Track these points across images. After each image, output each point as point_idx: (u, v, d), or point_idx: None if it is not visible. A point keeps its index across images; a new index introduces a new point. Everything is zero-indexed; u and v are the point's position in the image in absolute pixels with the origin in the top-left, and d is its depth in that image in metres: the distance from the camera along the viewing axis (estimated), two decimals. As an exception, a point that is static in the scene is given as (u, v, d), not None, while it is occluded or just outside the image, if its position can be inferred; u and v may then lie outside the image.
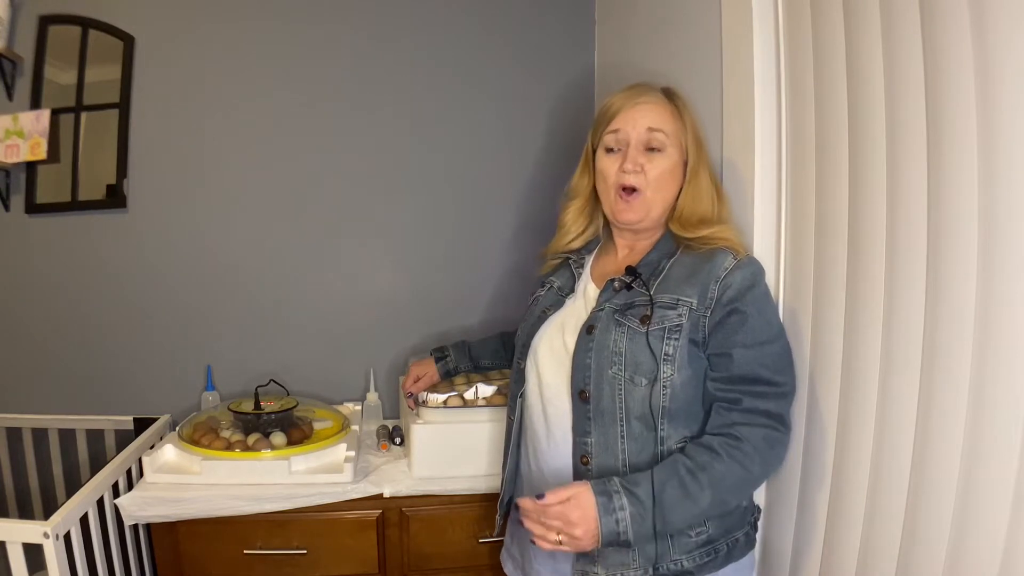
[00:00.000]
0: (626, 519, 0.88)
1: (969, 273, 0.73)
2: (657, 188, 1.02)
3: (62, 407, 1.79)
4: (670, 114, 1.04)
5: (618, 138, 1.04)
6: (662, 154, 1.02)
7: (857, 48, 0.89)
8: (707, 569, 0.97)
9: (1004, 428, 0.69)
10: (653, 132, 1.02)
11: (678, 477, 0.90)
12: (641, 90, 1.05)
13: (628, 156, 1.02)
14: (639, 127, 1.02)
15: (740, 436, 0.92)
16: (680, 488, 0.89)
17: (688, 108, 1.06)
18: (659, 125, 1.02)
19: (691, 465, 0.91)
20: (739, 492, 0.95)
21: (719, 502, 0.92)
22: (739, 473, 0.91)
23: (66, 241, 1.78)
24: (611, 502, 0.88)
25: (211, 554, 1.38)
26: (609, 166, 1.05)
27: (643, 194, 1.02)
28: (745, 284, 0.95)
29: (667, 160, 1.02)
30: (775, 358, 0.96)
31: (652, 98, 1.04)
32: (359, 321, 1.87)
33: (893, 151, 0.83)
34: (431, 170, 1.86)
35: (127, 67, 1.73)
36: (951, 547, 0.75)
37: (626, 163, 1.02)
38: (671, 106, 1.05)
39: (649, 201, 1.03)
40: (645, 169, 1.02)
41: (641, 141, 1.02)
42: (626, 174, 1.02)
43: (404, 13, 1.81)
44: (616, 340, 0.97)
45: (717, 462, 0.91)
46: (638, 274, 1.02)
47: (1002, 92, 0.69)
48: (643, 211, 1.03)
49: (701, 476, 0.90)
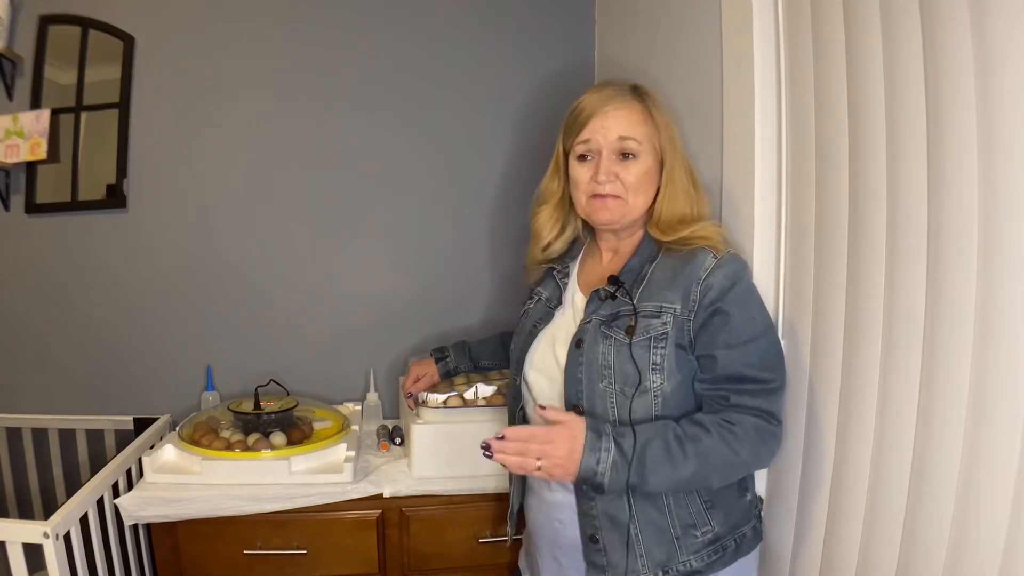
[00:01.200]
0: (607, 461, 0.89)
1: (969, 273, 0.73)
2: (635, 193, 1.01)
3: (62, 407, 1.80)
4: (640, 118, 1.01)
5: (589, 148, 1.02)
6: (636, 160, 1.01)
7: (857, 48, 0.89)
8: (717, 566, 0.97)
9: (1004, 428, 0.69)
10: (625, 140, 1.00)
11: (664, 441, 0.90)
12: (609, 95, 1.02)
13: (601, 167, 1.00)
14: (610, 136, 1.00)
15: (732, 421, 0.93)
16: (664, 451, 0.90)
17: (659, 106, 1.04)
18: (630, 133, 1.00)
19: (679, 433, 0.91)
20: (724, 472, 0.94)
21: (701, 478, 0.92)
22: (726, 453, 0.91)
23: (66, 241, 1.78)
24: (599, 441, 0.90)
25: (211, 554, 1.38)
26: (582, 175, 1.03)
27: (622, 199, 1.01)
28: (726, 283, 0.95)
29: (641, 165, 1.01)
30: (761, 355, 0.95)
31: (621, 104, 1.01)
32: (359, 321, 1.87)
33: (893, 151, 0.83)
34: (431, 170, 1.86)
35: (127, 67, 1.73)
36: (951, 547, 0.75)
37: (599, 175, 1.00)
38: (641, 108, 1.02)
39: (628, 206, 1.02)
40: (620, 176, 1.00)
41: (613, 150, 1.01)
42: (600, 184, 1.00)
43: (404, 13, 1.81)
44: (604, 353, 0.97)
45: (706, 437, 0.91)
46: (621, 284, 1.01)
47: (1002, 92, 0.69)
48: (619, 212, 1.02)
49: (688, 446, 0.90)
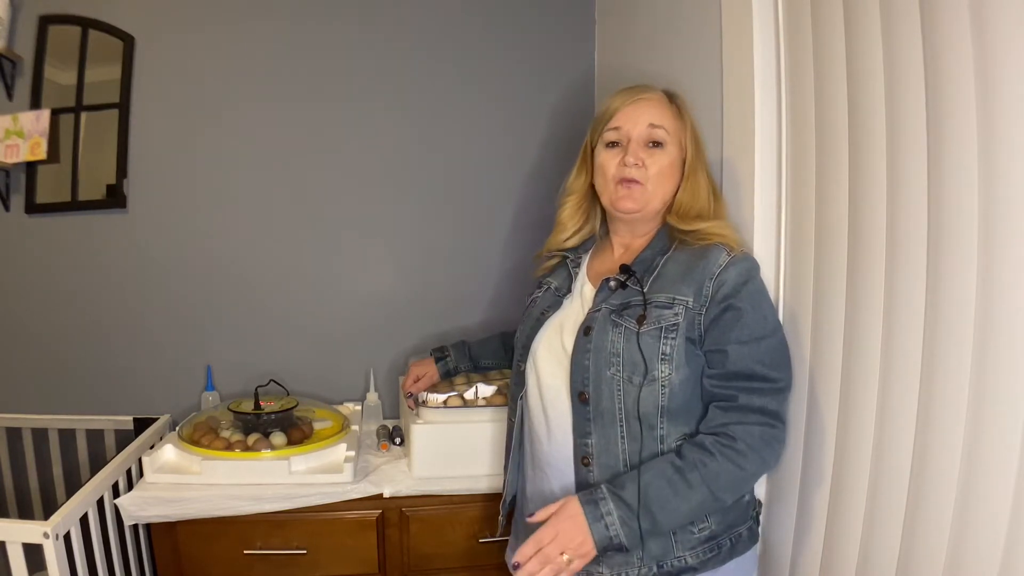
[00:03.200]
0: (615, 523, 0.89)
1: (969, 272, 0.73)
2: (658, 183, 1.03)
3: (62, 407, 1.79)
4: (671, 112, 1.05)
5: (619, 134, 1.04)
6: (663, 150, 1.03)
7: (857, 48, 0.89)
8: (711, 564, 0.98)
9: (1004, 427, 0.69)
10: (654, 128, 1.02)
11: (666, 477, 0.91)
12: (642, 88, 1.06)
13: (629, 150, 1.02)
14: (640, 123, 1.03)
15: (734, 435, 0.92)
16: (669, 487, 0.90)
17: (688, 110, 1.07)
18: (660, 121, 1.03)
19: (681, 464, 0.91)
20: (734, 489, 0.95)
21: (713, 499, 0.92)
22: (733, 471, 0.92)
23: (66, 241, 1.78)
24: (597, 508, 0.90)
25: (211, 554, 1.38)
26: (609, 160, 1.05)
27: (644, 187, 1.03)
28: (740, 280, 0.95)
29: (667, 156, 1.03)
30: (771, 354, 0.96)
31: (653, 95, 1.05)
32: (359, 321, 1.87)
33: (893, 150, 0.83)
34: (431, 170, 1.86)
35: (127, 67, 1.73)
36: (951, 547, 0.75)
37: (627, 157, 1.02)
38: (672, 105, 1.06)
39: (649, 193, 1.03)
40: (646, 164, 1.02)
41: (642, 136, 1.03)
42: (627, 168, 1.02)
43: (404, 13, 1.81)
44: (613, 341, 0.97)
45: (710, 460, 0.91)
46: (632, 272, 1.02)
47: (1002, 92, 0.69)
48: (643, 201, 1.03)
49: (691, 474, 0.90)
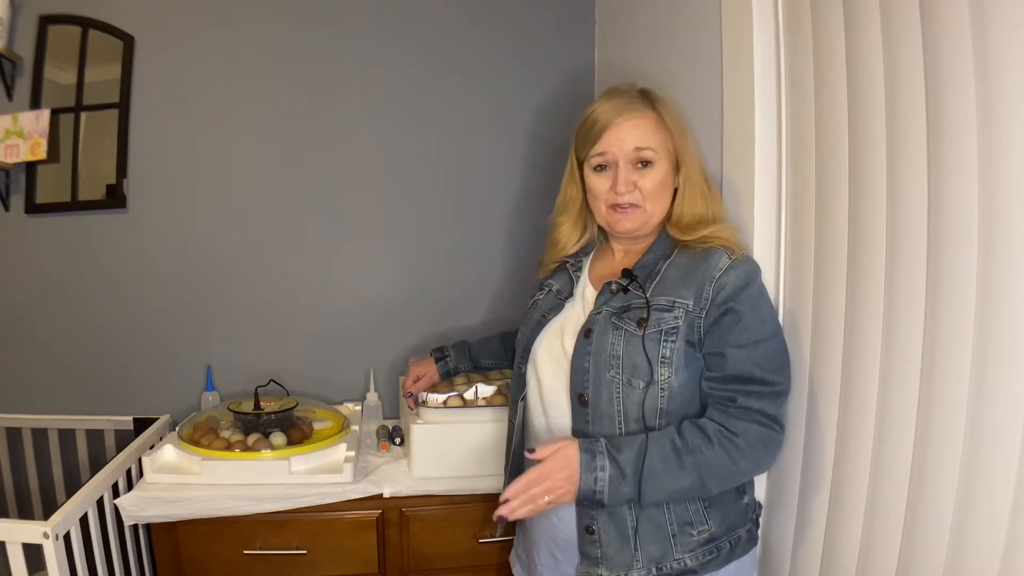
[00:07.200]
0: (604, 480, 0.91)
1: (969, 272, 0.73)
2: (654, 200, 1.03)
3: (62, 407, 1.79)
4: (654, 126, 1.02)
5: (606, 159, 1.03)
6: (653, 167, 1.02)
7: (857, 48, 0.89)
8: (710, 567, 0.98)
9: (1004, 428, 0.69)
10: (641, 151, 1.01)
11: (663, 452, 0.91)
12: (620, 105, 1.03)
13: (619, 178, 1.01)
14: (626, 147, 1.01)
15: (736, 430, 0.93)
16: (662, 463, 0.91)
17: (669, 109, 1.05)
18: (645, 143, 1.01)
19: (680, 444, 0.92)
20: (723, 482, 0.95)
21: (701, 486, 0.93)
22: (727, 464, 0.92)
23: (66, 241, 1.78)
24: (593, 460, 0.91)
25: (211, 554, 1.38)
26: (600, 185, 1.05)
27: (640, 208, 1.02)
28: (740, 283, 0.96)
29: (659, 173, 1.02)
30: (769, 357, 0.96)
31: (633, 113, 1.02)
32: (359, 321, 1.87)
33: (893, 151, 0.83)
34: (431, 170, 1.86)
35: (127, 67, 1.73)
36: (951, 547, 0.75)
37: (619, 185, 1.01)
38: (653, 115, 1.03)
39: (648, 213, 1.03)
40: (639, 185, 1.02)
41: (630, 159, 1.02)
42: (619, 195, 1.02)
43: (404, 13, 1.81)
44: (614, 343, 0.97)
45: (707, 448, 0.92)
46: (634, 276, 1.02)
47: (1002, 92, 0.69)
48: (641, 220, 1.03)
49: (687, 458, 0.91)
